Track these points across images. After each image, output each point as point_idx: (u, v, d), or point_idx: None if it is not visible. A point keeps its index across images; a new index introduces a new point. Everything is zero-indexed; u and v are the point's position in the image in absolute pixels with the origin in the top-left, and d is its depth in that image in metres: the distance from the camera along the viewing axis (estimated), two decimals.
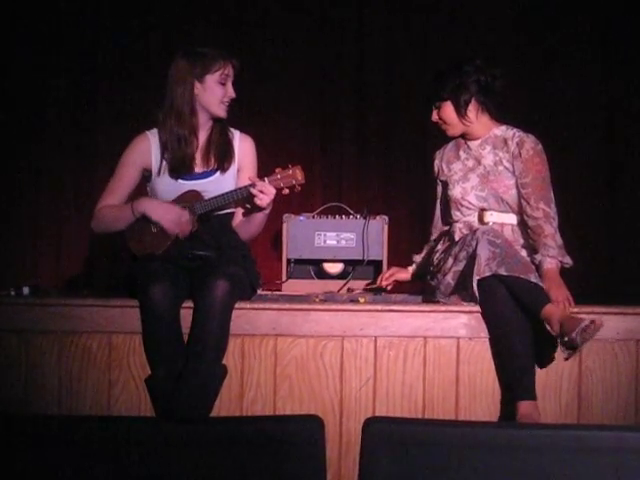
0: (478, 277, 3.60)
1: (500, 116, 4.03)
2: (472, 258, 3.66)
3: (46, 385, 3.62)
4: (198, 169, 3.87)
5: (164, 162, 3.85)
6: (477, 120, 3.99)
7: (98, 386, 3.62)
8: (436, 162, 4.15)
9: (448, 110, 3.98)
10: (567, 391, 3.69)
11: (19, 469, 2.11)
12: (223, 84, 3.84)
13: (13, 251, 5.29)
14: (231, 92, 3.86)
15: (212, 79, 3.82)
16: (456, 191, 4.00)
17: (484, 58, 3.99)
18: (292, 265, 4.38)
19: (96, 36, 5.37)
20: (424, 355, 3.67)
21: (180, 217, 3.75)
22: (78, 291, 4.35)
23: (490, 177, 3.96)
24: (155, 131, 3.88)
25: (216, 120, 3.89)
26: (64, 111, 5.35)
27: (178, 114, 3.82)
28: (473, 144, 4.03)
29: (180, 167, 3.83)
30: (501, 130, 4.01)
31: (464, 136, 4.05)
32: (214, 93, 3.83)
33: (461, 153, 4.06)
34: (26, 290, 3.97)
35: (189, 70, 3.81)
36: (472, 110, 3.97)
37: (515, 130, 3.99)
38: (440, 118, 4.01)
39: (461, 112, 3.95)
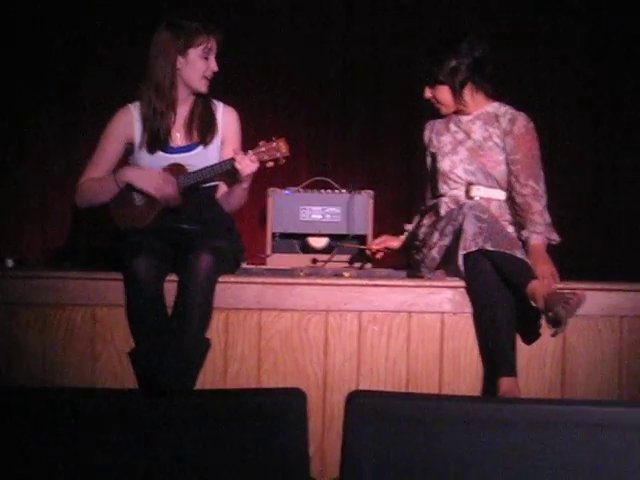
0: (464, 252, 3.60)
1: (494, 93, 4.00)
2: (458, 233, 3.66)
3: (30, 357, 3.61)
4: (181, 142, 3.84)
5: (145, 135, 3.83)
6: (472, 100, 3.97)
7: (82, 358, 3.62)
8: (426, 132, 4.11)
9: (444, 92, 3.94)
10: (551, 367, 3.70)
11: (1, 441, 2.10)
12: (206, 58, 3.78)
13: None
14: (214, 66, 3.81)
15: (195, 53, 3.78)
16: (444, 163, 3.98)
17: (474, 33, 3.97)
18: (277, 239, 4.37)
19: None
20: (408, 330, 3.67)
21: (164, 181, 3.73)
22: (62, 264, 4.33)
23: (479, 152, 3.94)
24: (138, 104, 3.85)
25: (198, 93, 3.85)
26: (49, 86, 5.31)
27: (157, 87, 3.79)
28: (464, 118, 4.01)
29: (155, 141, 3.79)
30: (493, 107, 3.99)
31: (456, 111, 4.03)
32: (196, 67, 3.78)
33: (451, 126, 4.03)
34: (10, 262, 3.96)
35: (172, 43, 3.76)
36: (467, 92, 3.94)
37: (507, 107, 3.97)
38: (434, 97, 3.98)
39: (457, 95, 3.92)
